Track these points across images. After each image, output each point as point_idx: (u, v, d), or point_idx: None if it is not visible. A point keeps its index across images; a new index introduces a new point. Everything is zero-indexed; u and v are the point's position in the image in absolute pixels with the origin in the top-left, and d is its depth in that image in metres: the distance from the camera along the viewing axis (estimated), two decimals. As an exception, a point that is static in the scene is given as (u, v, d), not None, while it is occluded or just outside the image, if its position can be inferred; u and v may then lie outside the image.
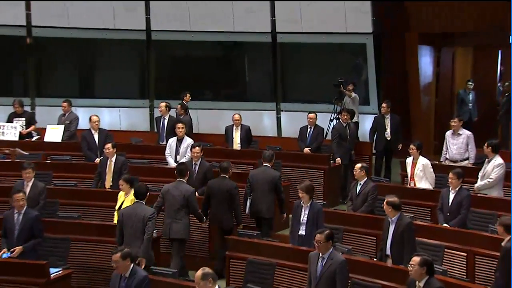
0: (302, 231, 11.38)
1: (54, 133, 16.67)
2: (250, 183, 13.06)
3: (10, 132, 16.84)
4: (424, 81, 19.25)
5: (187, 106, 17.93)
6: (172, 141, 15.25)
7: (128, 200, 12.06)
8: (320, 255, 9.65)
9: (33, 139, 17.05)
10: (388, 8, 18.67)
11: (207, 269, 8.43)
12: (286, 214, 13.13)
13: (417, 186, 13.55)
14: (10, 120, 17.11)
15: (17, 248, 11.19)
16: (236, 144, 16.37)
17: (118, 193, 12.43)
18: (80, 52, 21.34)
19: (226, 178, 12.65)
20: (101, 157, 14.58)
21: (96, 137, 15.57)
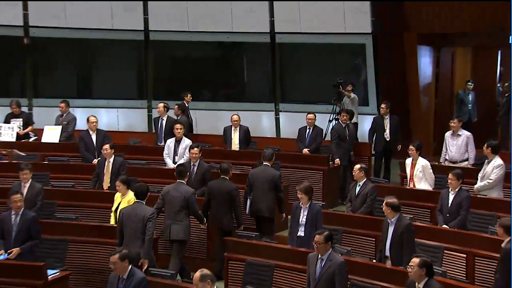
0: (301, 232, 11.36)
1: (52, 134, 16.62)
2: (250, 182, 13.04)
3: (7, 133, 16.77)
4: (423, 81, 19.24)
5: (187, 106, 17.92)
6: (170, 142, 15.21)
7: (125, 201, 12.02)
8: (319, 257, 9.60)
9: (30, 140, 16.99)
10: (387, 8, 18.65)
11: (206, 271, 8.39)
12: (285, 214, 13.09)
13: (417, 187, 13.52)
14: (7, 121, 17.05)
15: (14, 249, 11.14)
16: (235, 145, 16.32)
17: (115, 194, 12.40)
18: (78, 53, 21.32)
19: (227, 179, 12.64)
20: (99, 158, 14.53)
21: (94, 137, 15.55)
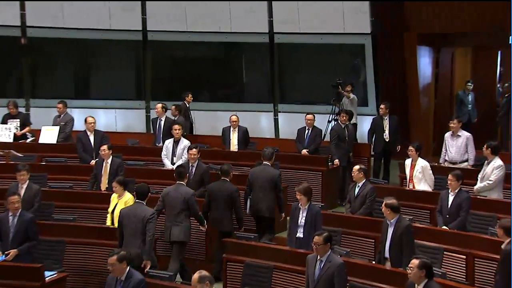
0: (300, 234, 11.35)
1: (49, 135, 16.61)
2: (250, 182, 13.04)
3: (4, 133, 16.74)
4: (423, 82, 19.22)
5: (187, 107, 17.95)
6: (169, 142, 15.18)
7: (122, 203, 12.02)
8: (318, 258, 9.57)
9: (27, 140, 16.96)
10: (387, 8, 18.63)
11: (204, 272, 8.34)
12: (284, 214, 13.03)
13: (416, 188, 13.50)
14: (4, 122, 17.02)
15: (11, 251, 11.12)
16: (234, 146, 16.29)
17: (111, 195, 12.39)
18: (75, 53, 21.28)
19: (227, 181, 12.62)
20: (97, 159, 14.52)
21: (91, 138, 15.51)
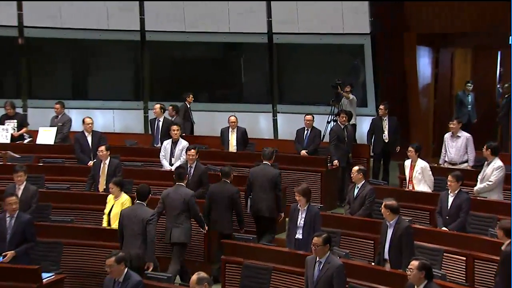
0: (299, 235, 11.34)
1: (47, 136, 16.55)
2: (250, 181, 13.06)
3: (1, 134, 16.70)
4: (422, 82, 19.22)
5: (188, 107, 17.99)
6: (167, 143, 15.16)
7: (119, 204, 12.03)
8: (317, 259, 9.57)
9: (25, 141, 16.93)
10: (387, 8, 18.63)
11: (203, 274, 8.30)
12: (284, 214, 12.99)
13: (416, 189, 13.49)
14: (1, 122, 16.97)
15: (9, 252, 11.07)
16: (232, 147, 16.26)
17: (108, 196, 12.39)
18: (73, 53, 21.25)
19: (228, 183, 12.64)
20: (95, 160, 14.49)
21: (89, 139, 15.47)
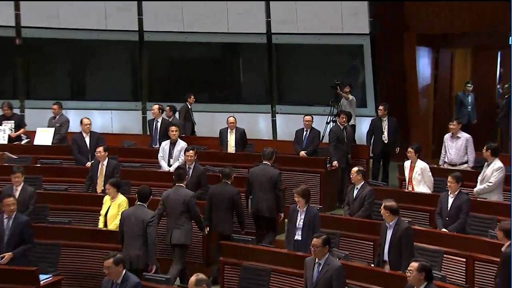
0: (298, 236, 11.33)
1: (44, 136, 16.52)
2: (250, 181, 13.07)
3: (-2, 135, 16.77)
4: (422, 82, 19.21)
5: (189, 108, 17.99)
6: (165, 144, 15.12)
7: (115, 205, 12.06)
8: (316, 261, 9.56)
9: (22, 142, 16.88)
10: (387, 8, 18.62)
11: (201, 275, 8.25)
12: (283, 215, 12.95)
13: (415, 190, 13.47)
14: (-2, 123, 17.00)
15: (6, 254, 11.06)
16: (231, 148, 16.23)
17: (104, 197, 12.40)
18: (71, 53, 21.22)
19: (228, 184, 12.64)
20: (93, 161, 14.45)
21: (87, 140, 15.42)
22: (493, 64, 20.72)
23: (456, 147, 14.55)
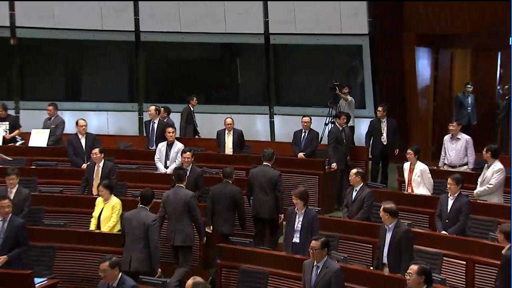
0: (296, 239, 11.30)
1: (39, 138, 16.45)
2: (250, 182, 13.09)
3: (-7, 136, 16.73)
4: (422, 83, 19.19)
5: (192, 110, 17.94)
6: (162, 145, 15.10)
7: (109, 207, 12.07)
8: (314, 264, 9.57)
9: (17, 143, 16.82)
10: (387, 9, 18.61)
11: (198, 278, 8.17)
12: (283, 216, 12.84)
13: (415, 192, 13.45)
14: (-7, 125, 16.97)
15: (1, 257, 10.98)
16: (228, 149, 16.19)
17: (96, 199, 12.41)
18: (66, 54, 21.20)
19: (229, 183, 12.71)
20: (88, 163, 14.40)
21: (83, 141, 15.35)
22: (493, 64, 20.73)
23: (456, 148, 14.52)
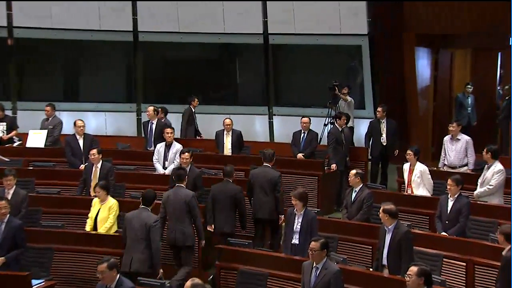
0: (295, 240, 11.26)
1: (37, 139, 16.41)
2: (251, 183, 13.08)
3: (-10, 137, 16.72)
4: (421, 83, 19.17)
5: (193, 111, 17.92)
6: (160, 146, 15.07)
7: (106, 208, 12.08)
8: (314, 265, 9.53)
9: (14, 144, 16.81)
10: (387, 9, 18.59)
11: (197, 280, 8.10)
12: (283, 217, 12.79)
13: (415, 193, 13.43)
14: (-10, 125, 16.96)
15: (-1, 259, 11.02)
16: (227, 150, 16.17)
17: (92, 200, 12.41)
18: (64, 54, 21.15)
19: (230, 182, 12.78)
20: (86, 163, 14.39)
21: (81, 142, 15.33)
22: (493, 65, 20.73)
23: (456, 149, 14.51)
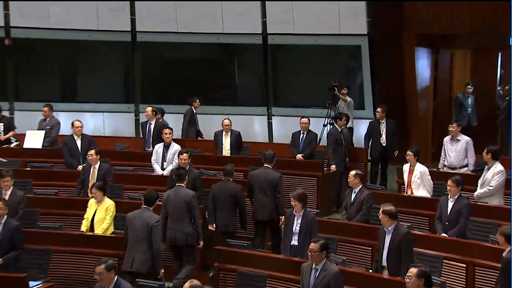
0: (294, 241, 11.26)
1: (34, 139, 16.40)
2: (251, 183, 13.08)
3: (-13, 138, 16.70)
4: (421, 84, 19.15)
5: (194, 112, 17.88)
6: (159, 147, 15.06)
7: (102, 209, 12.11)
8: (313, 266, 9.49)
9: (12, 145, 16.80)
10: (387, 9, 18.56)
11: (195, 282, 8.11)
12: (284, 218, 12.70)
13: (414, 194, 13.42)
14: (-13, 126, 16.95)
15: (-3, 260, 11.02)
16: (226, 150, 16.15)
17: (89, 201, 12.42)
18: (61, 54, 21.12)
19: (230, 181, 12.83)
20: (84, 164, 14.42)
21: (78, 143, 15.32)
22: (493, 65, 20.75)
23: (456, 150, 14.49)
